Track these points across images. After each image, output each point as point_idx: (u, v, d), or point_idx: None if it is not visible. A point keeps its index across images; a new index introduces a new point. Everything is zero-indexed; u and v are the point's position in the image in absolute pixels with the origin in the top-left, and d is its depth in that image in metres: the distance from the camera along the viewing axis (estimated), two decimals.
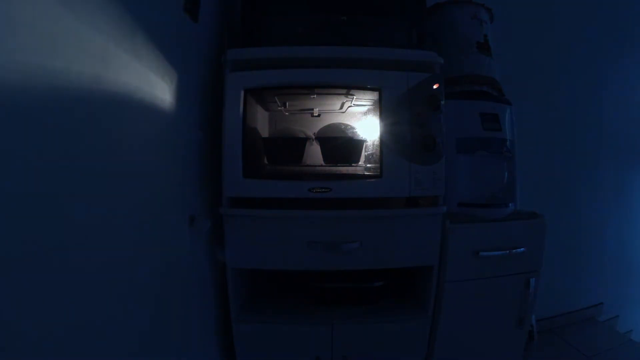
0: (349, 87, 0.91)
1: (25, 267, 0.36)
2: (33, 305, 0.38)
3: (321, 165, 1.08)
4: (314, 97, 1.03)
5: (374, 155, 0.98)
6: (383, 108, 0.85)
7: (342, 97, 1.03)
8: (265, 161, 1.06)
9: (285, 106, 1.12)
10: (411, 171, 0.84)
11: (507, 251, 0.94)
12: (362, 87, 0.88)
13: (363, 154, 1.06)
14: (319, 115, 1.18)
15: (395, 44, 0.91)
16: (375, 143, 0.94)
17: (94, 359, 0.48)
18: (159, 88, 0.65)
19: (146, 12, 0.59)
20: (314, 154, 1.11)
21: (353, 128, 1.16)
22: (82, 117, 0.45)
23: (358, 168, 1.05)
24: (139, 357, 0.60)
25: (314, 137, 1.13)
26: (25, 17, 0.35)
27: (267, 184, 0.85)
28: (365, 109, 1.14)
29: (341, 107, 1.14)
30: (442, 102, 0.85)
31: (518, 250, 0.95)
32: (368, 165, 1.05)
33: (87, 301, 0.46)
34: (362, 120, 1.17)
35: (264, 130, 1.16)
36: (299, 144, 1.06)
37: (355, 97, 1.01)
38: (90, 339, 0.47)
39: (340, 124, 1.18)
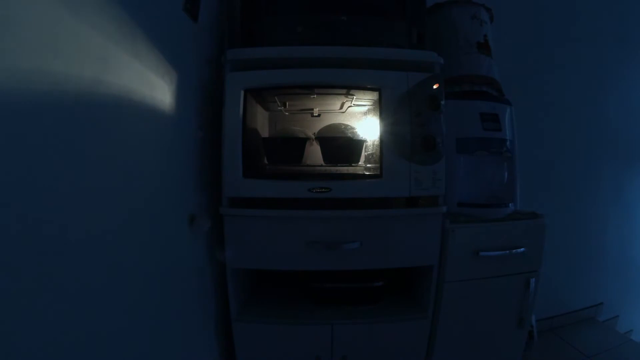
0: (349, 87, 0.91)
1: (24, 269, 0.36)
2: (32, 306, 0.38)
3: (321, 165, 1.07)
4: (314, 97, 1.03)
5: (374, 155, 0.98)
6: (383, 108, 0.85)
7: (342, 97, 1.03)
8: (265, 161, 1.06)
9: (285, 106, 1.12)
10: (411, 171, 0.84)
11: (507, 251, 0.94)
12: (362, 87, 0.88)
13: (363, 154, 1.06)
14: (319, 115, 1.18)
15: (395, 44, 0.91)
16: (375, 143, 0.94)
17: (93, 359, 0.48)
18: (158, 88, 0.65)
19: (146, 12, 0.59)
20: (314, 154, 1.11)
21: (353, 128, 1.16)
22: (82, 117, 0.45)
23: (358, 168, 1.05)
24: (139, 357, 0.60)
25: (314, 137, 1.13)
26: (25, 17, 0.35)
27: (267, 184, 0.85)
28: (365, 109, 1.14)
29: (341, 107, 1.14)
30: (442, 102, 0.85)
31: (518, 250, 0.95)
32: (368, 165, 1.05)
33: (86, 301, 0.46)
34: (362, 120, 1.17)
35: (264, 130, 1.16)
36: (299, 144, 1.06)
37: (355, 97, 1.01)
38: (89, 340, 0.47)
39: (340, 124, 1.18)
